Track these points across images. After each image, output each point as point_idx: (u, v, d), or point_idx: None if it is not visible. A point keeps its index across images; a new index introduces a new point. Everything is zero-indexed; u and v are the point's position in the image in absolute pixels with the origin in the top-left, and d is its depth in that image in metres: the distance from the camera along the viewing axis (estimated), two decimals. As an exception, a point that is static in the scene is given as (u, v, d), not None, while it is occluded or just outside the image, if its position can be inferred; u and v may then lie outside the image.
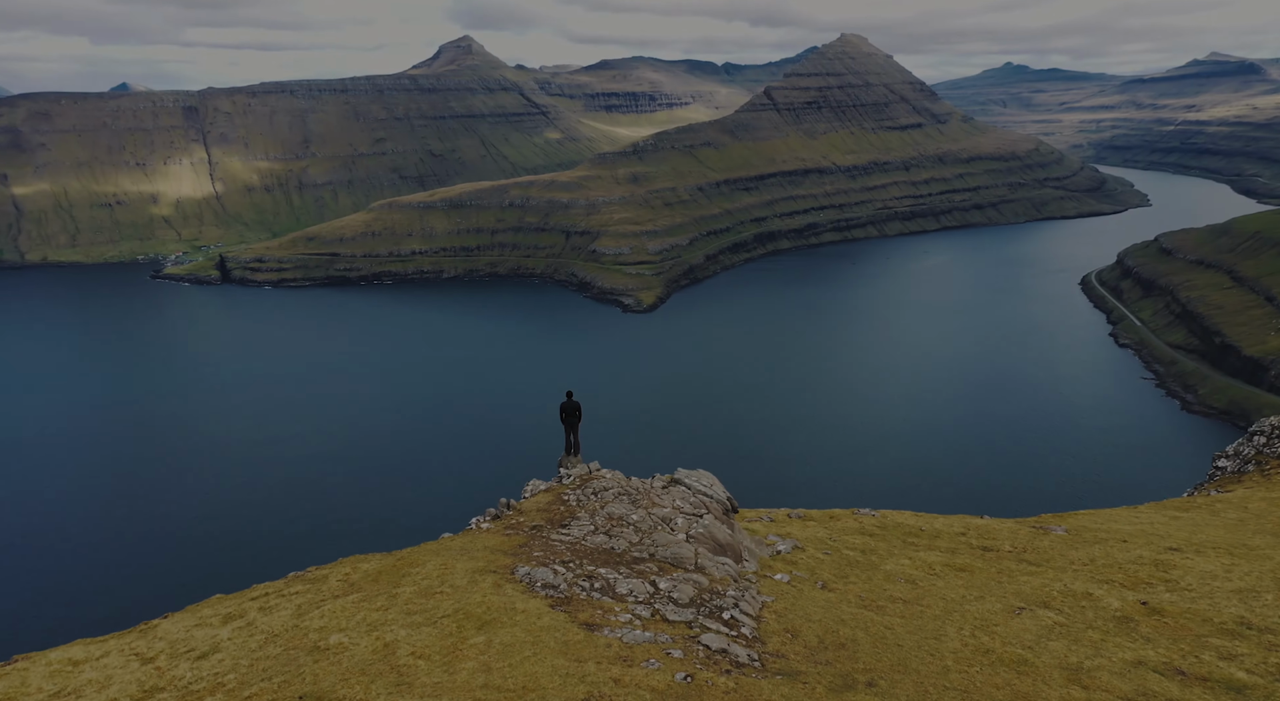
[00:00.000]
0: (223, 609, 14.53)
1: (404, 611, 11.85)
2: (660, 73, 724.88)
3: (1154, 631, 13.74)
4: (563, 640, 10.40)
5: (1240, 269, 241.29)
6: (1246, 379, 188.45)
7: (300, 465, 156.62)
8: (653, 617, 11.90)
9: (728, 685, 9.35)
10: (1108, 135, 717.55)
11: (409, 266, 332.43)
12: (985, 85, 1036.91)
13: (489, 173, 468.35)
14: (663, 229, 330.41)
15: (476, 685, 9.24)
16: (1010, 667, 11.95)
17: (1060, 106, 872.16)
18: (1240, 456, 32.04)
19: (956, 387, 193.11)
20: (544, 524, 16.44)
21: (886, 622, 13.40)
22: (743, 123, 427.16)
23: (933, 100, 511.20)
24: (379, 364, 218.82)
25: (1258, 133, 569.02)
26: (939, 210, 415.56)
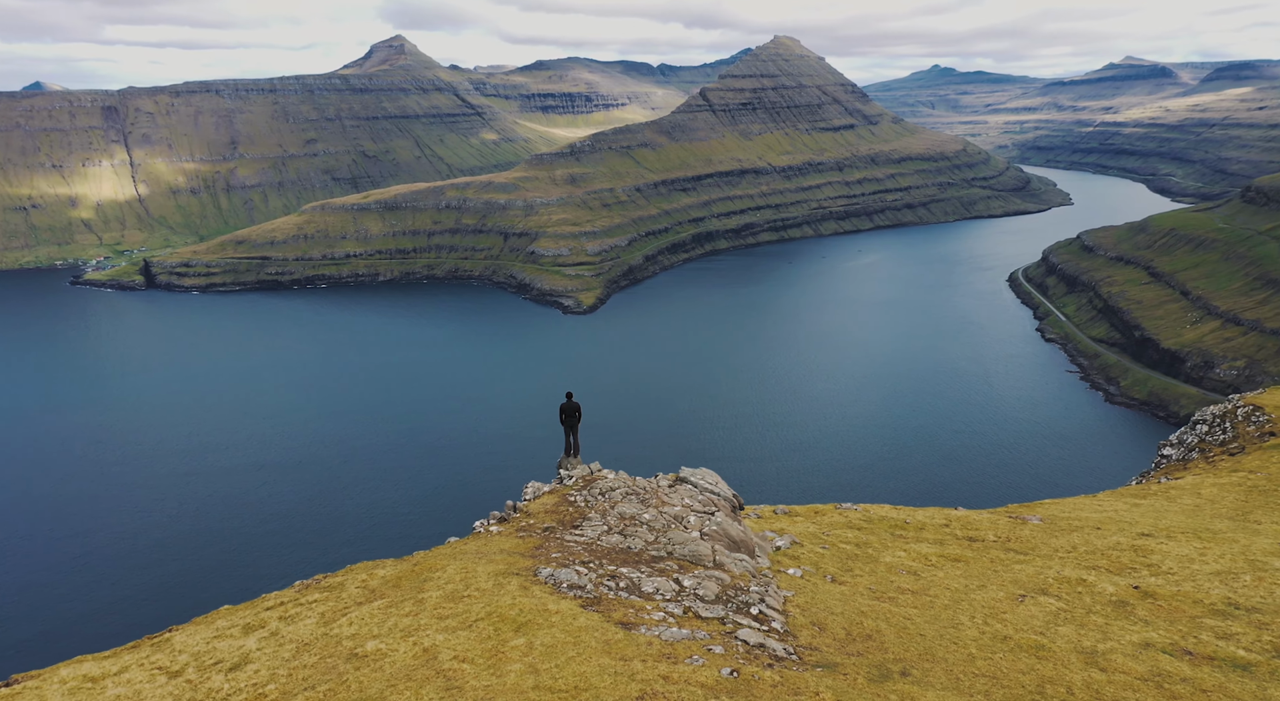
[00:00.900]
0: (239, 619, 14.22)
1: (435, 616, 11.73)
2: (596, 74, 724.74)
3: (1150, 614, 14.15)
4: (603, 639, 10.42)
5: (1157, 265, 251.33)
6: (1165, 371, 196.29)
7: (247, 475, 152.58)
8: (685, 615, 11.98)
9: (773, 678, 9.45)
10: (1031, 136, 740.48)
11: (344, 269, 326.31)
12: (914, 87, 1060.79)
13: (424, 174, 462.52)
14: (601, 230, 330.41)
15: (527, 686, 9.21)
16: (1029, 653, 12.32)
17: (986, 108, 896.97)
18: (1184, 444, 33.48)
19: (895, 383, 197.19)
20: (556, 525, 16.34)
21: (905, 613, 13.59)
22: (679, 124, 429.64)
23: (864, 102, 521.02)
24: (320, 369, 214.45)
25: (1170, 134, 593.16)
26: (872, 210, 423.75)
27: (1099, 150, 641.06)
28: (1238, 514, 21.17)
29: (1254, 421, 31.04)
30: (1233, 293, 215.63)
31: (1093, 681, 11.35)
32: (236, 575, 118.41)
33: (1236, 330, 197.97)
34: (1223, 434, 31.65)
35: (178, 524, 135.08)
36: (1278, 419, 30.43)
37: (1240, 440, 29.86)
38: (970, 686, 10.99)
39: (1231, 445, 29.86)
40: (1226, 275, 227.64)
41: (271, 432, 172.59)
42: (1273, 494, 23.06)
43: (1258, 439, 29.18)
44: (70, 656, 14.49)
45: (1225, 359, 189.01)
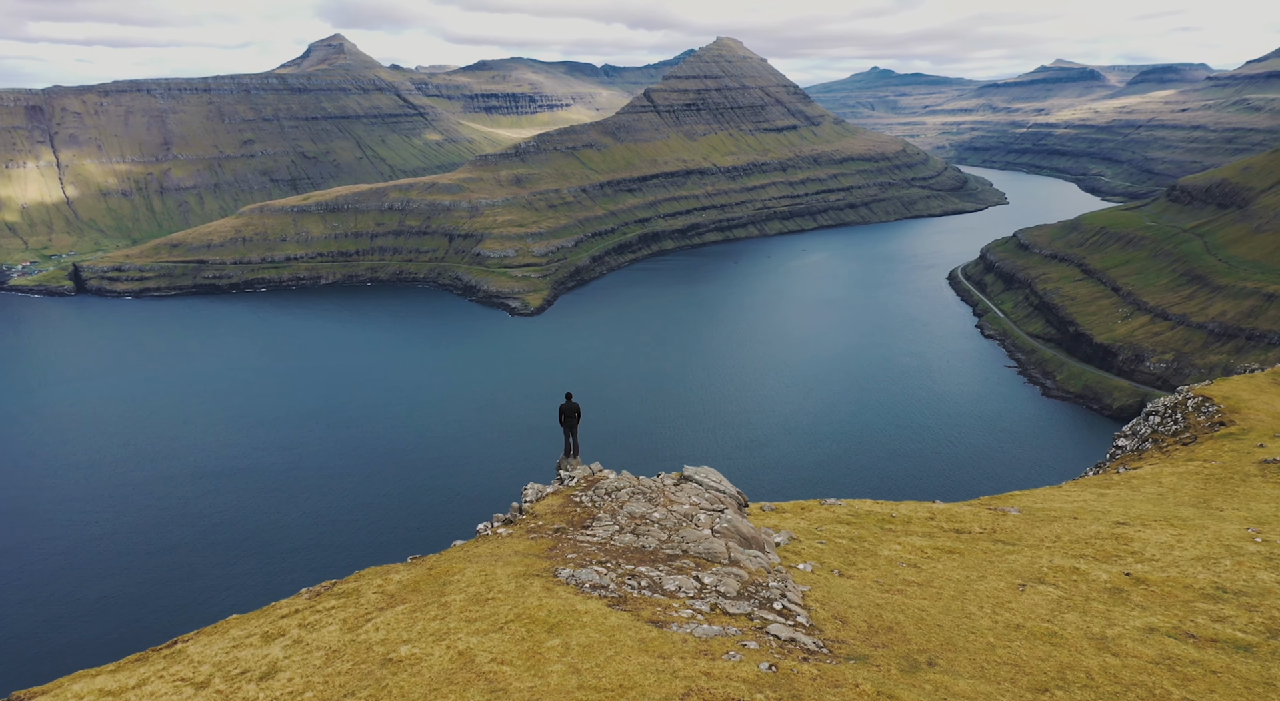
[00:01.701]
0: (255, 628, 13.92)
1: (463, 619, 11.65)
2: (540, 74, 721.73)
3: (1145, 599, 14.54)
4: (638, 638, 10.42)
5: (1089, 262, 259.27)
6: (1098, 365, 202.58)
7: (188, 484, 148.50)
8: (713, 612, 12.00)
9: (811, 672, 9.53)
10: (967, 137, 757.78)
11: (284, 273, 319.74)
12: (854, 88, 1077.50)
13: (366, 175, 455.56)
14: (547, 231, 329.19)
15: (571, 686, 9.20)
16: (1043, 640, 12.66)
17: (924, 109, 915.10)
18: (1138, 435, 34.62)
19: (843, 381, 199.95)
20: (566, 526, 16.25)
21: (918, 605, 13.79)
22: (624, 124, 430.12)
23: (806, 103, 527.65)
24: (263, 374, 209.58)
25: (1100, 135, 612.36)
26: (815, 209, 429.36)
27: (1032, 150, 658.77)
28: (1200, 501, 22.08)
29: (1204, 412, 32.34)
30: (1160, 288, 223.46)
31: (1109, 666, 11.70)
32: (183, 589, 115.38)
33: (1165, 325, 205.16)
34: (1174, 424, 32.90)
35: (115, 537, 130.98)
36: (1227, 409, 31.74)
37: (1192, 430, 31.09)
38: (995, 674, 11.23)
39: (1184, 435, 31.06)
40: (1154, 272, 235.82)
41: (213, 440, 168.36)
42: (1229, 482, 24.10)
43: (1208, 429, 30.42)
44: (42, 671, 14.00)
45: (1155, 352, 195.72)
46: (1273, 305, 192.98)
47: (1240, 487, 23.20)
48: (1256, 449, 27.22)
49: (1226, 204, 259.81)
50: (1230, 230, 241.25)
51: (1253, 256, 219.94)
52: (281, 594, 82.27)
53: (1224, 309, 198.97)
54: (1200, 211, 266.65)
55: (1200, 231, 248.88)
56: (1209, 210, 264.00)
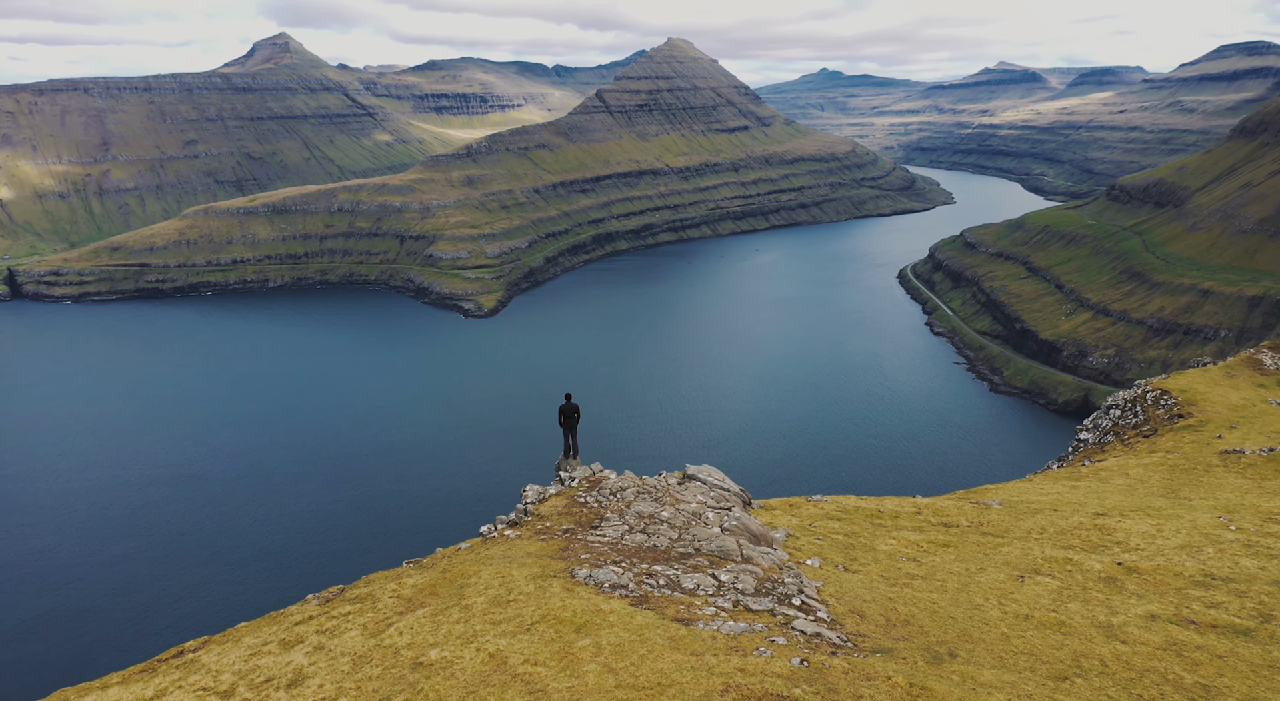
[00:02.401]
0: (270, 635, 13.60)
1: (489, 621, 11.54)
2: (491, 74, 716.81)
3: (1140, 588, 14.88)
4: (667, 636, 10.37)
5: (1034, 260, 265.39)
6: (1044, 360, 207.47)
7: (133, 492, 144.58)
8: (736, 608, 11.99)
9: (842, 666, 9.60)
10: (915, 137, 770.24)
11: (230, 276, 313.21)
12: (804, 89, 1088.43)
13: (314, 176, 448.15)
14: (501, 232, 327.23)
15: (609, 686, 9.15)
16: (1053, 630, 12.93)
17: (872, 110, 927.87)
18: (1099, 428, 35.54)
19: (798, 379, 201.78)
20: (574, 527, 16.15)
21: (929, 598, 13.95)
22: (576, 125, 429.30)
23: (757, 103, 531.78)
24: (212, 379, 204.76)
25: (1042, 136, 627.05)
26: (768, 209, 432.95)
27: (978, 151, 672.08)
28: (1169, 492, 22.81)
29: (1163, 405, 33.39)
30: (1102, 285, 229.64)
31: (1120, 653, 12.01)
32: (135, 601, 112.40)
33: (1106, 320, 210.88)
34: (1134, 417, 33.91)
35: (58, 550, 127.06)
36: (1184, 402, 32.79)
37: (1152, 423, 32.07)
38: (1015, 664, 11.42)
39: (1144, 428, 32.03)
40: (1096, 269, 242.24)
41: (159, 447, 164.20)
42: (1192, 472, 24.95)
43: (1168, 421, 31.40)
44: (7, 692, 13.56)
45: (1097, 348, 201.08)
46: (1208, 301, 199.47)
47: (1204, 478, 24.04)
48: (1215, 440, 28.19)
49: (1163, 203, 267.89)
50: (1167, 228, 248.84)
51: (1188, 254, 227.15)
52: (240, 604, 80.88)
53: (1162, 305, 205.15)
54: (1138, 210, 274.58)
55: (1139, 230, 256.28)
56: (1147, 209, 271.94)
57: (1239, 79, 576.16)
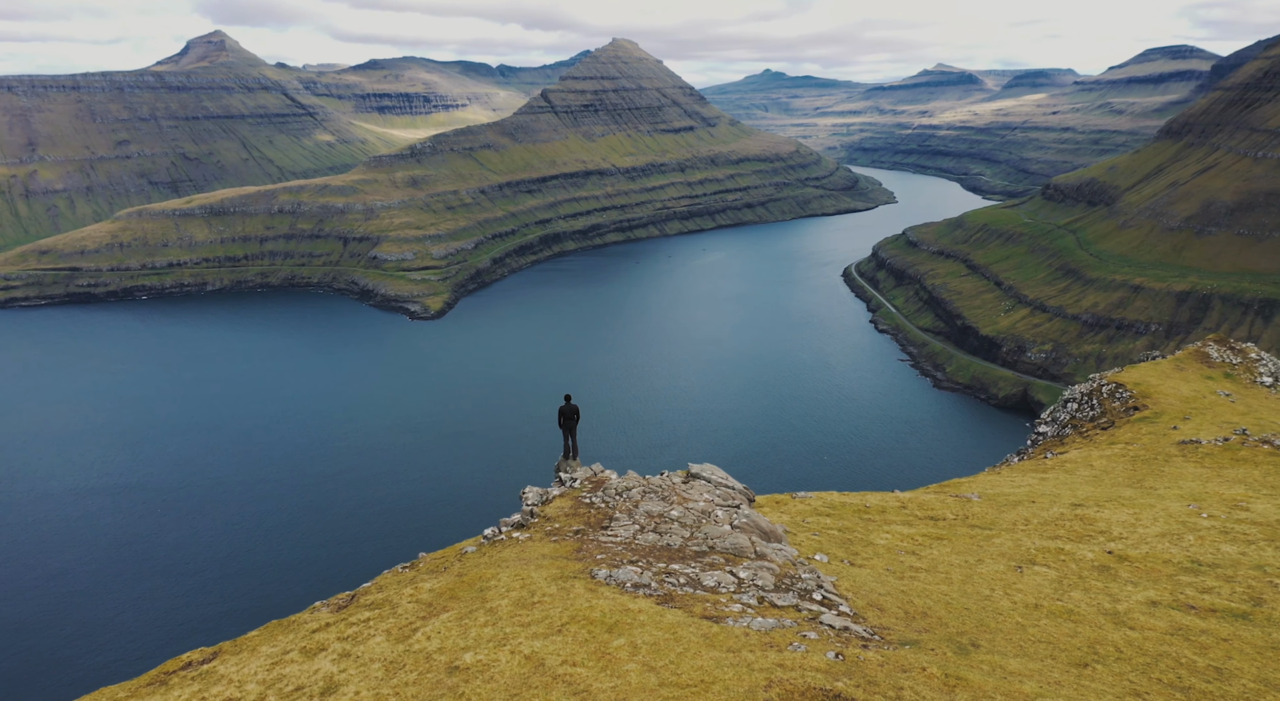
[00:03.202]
0: (288, 643, 13.24)
1: (517, 624, 11.40)
2: (434, 74, 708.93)
3: (1134, 575, 15.20)
4: (700, 634, 10.33)
5: (973, 258, 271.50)
6: (984, 356, 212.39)
7: (69, 503, 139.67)
8: (761, 605, 11.99)
9: (876, 658, 9.66)
10: (857, 138, 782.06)
11: (167, 279, 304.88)
12: (748, 90, 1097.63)
13: (254, 177, 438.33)
14: (446, 233, 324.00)
15: (653, 684, 9.08)
16: (1063, 618, 13.20)
17: (815, 111, 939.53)
18: (1057, 421, 36.48)
19: (749, 378, 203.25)
20: (584, 527, 16.01)
21: (939, 590, 14.09)
22: (522, 125, 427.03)
23: (702, 104, 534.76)
24: (150, 386, 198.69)
25: (979, 136, 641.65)
26: (714, 209, 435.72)
27: (918, 151, 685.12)
28: (1134, 482, 23.58)
29: (1118, 397, 34.46)
30: (1039, 282, 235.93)
31: (1131, 640, 12.33)
32: (79, 617, 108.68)
33: (1044, 316, 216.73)
34: (1091, 410, 34.93)
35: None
36: (1139, 394, 33.89)
37: (1109, 415, 33.08)
38: (1035, 652, 11.65)
39: (1101, 420, 33.01)
40: (1033, 266, 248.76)
41: (96, 456, 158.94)
42: (1153, 462, 25.83)
43: (1124, 413, 32.43)
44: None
45: (1035, 343, 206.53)
46: (1139, 296, 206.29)
47: (1165, 467, 24.93)
48: (1171, 431, 29.23)
49: (1095, 201, 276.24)
50: (1100, 226, 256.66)
51: (1120, 251, 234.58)
52: (187, 618, 78.52)
53: (1096, 301, 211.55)
54: (1072, 209, 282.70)
55: (1073, 228, 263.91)
56: (1080, 208, 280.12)
57: (1164, 82, 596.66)
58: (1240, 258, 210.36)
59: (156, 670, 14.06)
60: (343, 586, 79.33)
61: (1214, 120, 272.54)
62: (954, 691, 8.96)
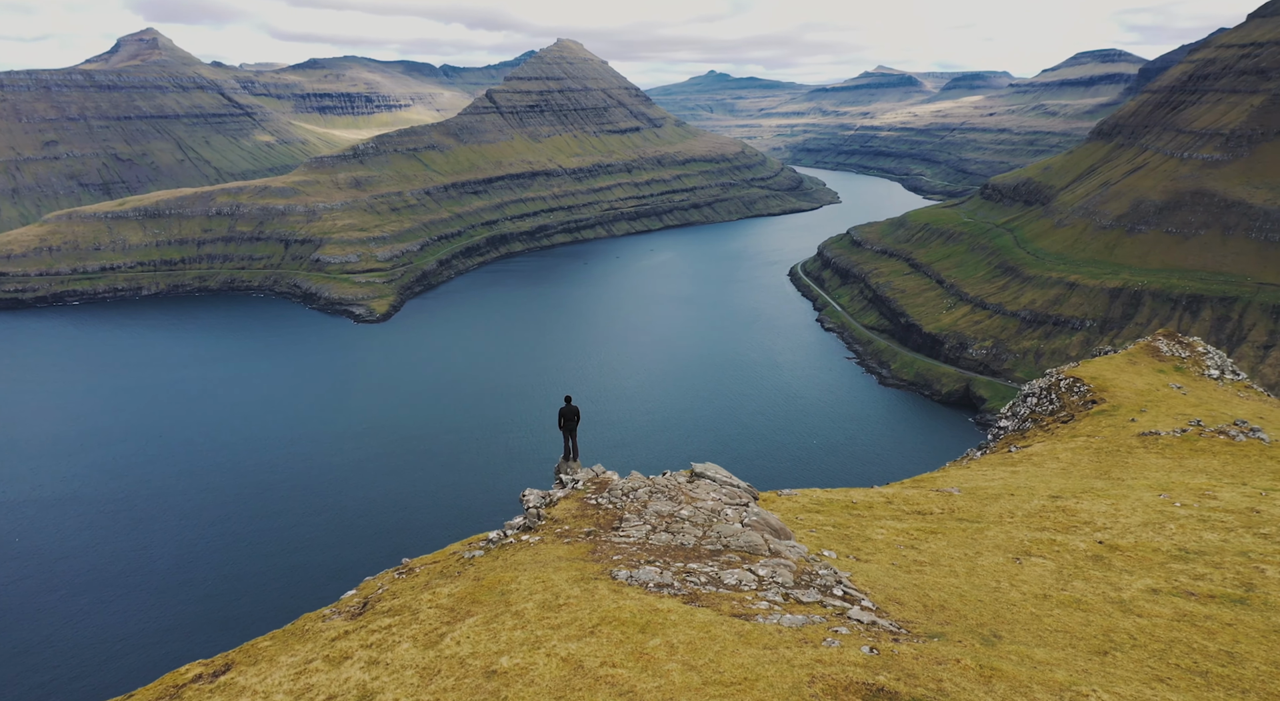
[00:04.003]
0: (308, 652, 12.81)
1: (547, 627, 11.24)
2: (376, 73, 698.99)
3: (1127, 564, 15.46)
4: (734, 632, 10.28)
5: (916, 256, 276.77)
6: (927, 353, 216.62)
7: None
8: (787, 601, 11.97)
9: (909, 651, 9.70)
10: (801, 139, 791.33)
11: (99, 284, 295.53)
12: (693, 91, 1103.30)
13: (190, 179, 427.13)
14: (391, 235, 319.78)
15: (697, 683, 9.00)
16: (1073, 608, 13.42)
17: (759, 112, 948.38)
18: (1018, 415, 37.32)
19: (700, 376, 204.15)
20: (595, 529, 15.87)
21: (950, 583, 14.19)
22: (467, 125, 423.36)
23: (648, 105, 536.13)
24: (83, 394, 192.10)
25: (919, 137, 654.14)
26: (661, 210, 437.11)
27: (860, 152, 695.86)
28: (1101, 473, 24.27)
29: (1076, 391, 35.48)
30: (979, 280, 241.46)
31: (1141, 627, 12.61)
32: (12, 635, 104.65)
33: (984, 313, 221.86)
34: (1051, 404, 35.91)
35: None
36: (1096, 388, 34.91)
37: (1068, 409, 34.03)
38: (1055, 642, 11.84)
39: (1061, 414, 33.96)
40: (973, 264, 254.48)
41: (25, 468, 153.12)
42: (1116, 454, 26.64)
43: (1083, 407, 33.39)
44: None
45: (976, 340, 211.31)
46: (1074, 293, 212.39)
47: (1129, 459, 25.73)
48: (1129, 423, 30.20)
49: (1031, 201, 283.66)
50: (1036, 225, 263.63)
51: (1056, 249, 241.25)
52: (133, 634, 76.09)
53: (1033, 298, 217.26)
54: (1010, 208, 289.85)
55: (1010, 227, 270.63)
56: (1017, 207, 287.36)
57: (1095, 84, 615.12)
58: (1169, 255, 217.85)
59: (157, 683, 13.62)
60: (302, 596, 78.18)
61: (1142, 122, 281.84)
62: (990, 682, 9.04)
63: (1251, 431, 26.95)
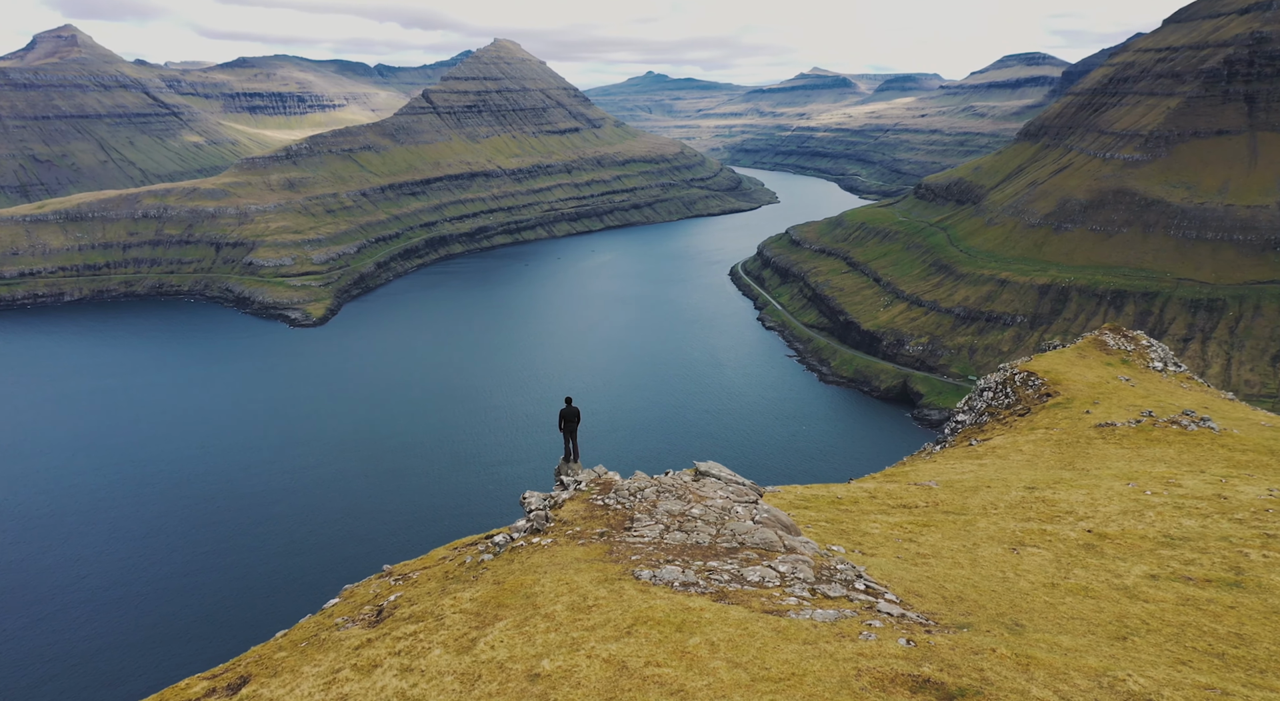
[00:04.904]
0: (335, 662, 12.34)
1: (581, 628, 11.05)
2: (308, 73, 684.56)
3: (1119, 552, 15.76)
4: (771, 628, 10.24)
5: (853, 255, 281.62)
6: (866, 350, 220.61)
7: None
8: (815, 597, 11.94)
9: (945, 642, 9.74)
10: (739, 139, 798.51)
11: (18, 290, 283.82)
12: (632, 92, 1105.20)
13: (114, 180, 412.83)
14: (327, 237, 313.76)
15: (745, 681, 8.92)
16: (1082, 595, 13.60)
17: (698, 113, 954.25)
18: (974, 409, 38.10)
19: (645, 376, 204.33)
20: (608, 529, 15.68)
21: (960, 574, 14.26)
22: (403, 126, 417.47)
23: (587, 105, 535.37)
24: (13, 403, 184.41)
25: (854, 138, 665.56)
26: (601, 210, 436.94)
27: (797, 152, 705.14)
28: (1065, 464, 24.96)
29: (1031, 385, 36.47)
30: (914, 278, 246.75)
31: (1151, 612, 12.88)
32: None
33: (920, 310, 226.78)
34: (1006, 398, 36.83)
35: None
36: (1049, 381, 35.93)
37: (1024, 402, 34.96)
38: (1074, 629, 12.04)
39: (1018, 407, 34.85)
40: (908, 262, 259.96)
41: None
42: (1076, 445, 27.46)
43: (1038, 400, 34.34)
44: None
45: (913, 336, 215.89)
46: (1005, 290, 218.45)
47: (1089, 450, 26.55)
48: (1084, 415, 31.17)
49: (963, 200, 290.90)
50: (968, 224, 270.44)
51: (987, 247, 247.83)
52: (59, 654, 72.99)
53: (967, 295, 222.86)
54: (942, 207, 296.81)
55: (944, 225, 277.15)
56: (949, 206, 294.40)
57: (1021, 86, 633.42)
58: (1094, 252, 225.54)
59: (155, 698, 13.12)
60: (256, 607, 75.48)
61: (1066, 123, 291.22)
62: (1029, 670, 9.15)
63: (1201, 421, 28.18)
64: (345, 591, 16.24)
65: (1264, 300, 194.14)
